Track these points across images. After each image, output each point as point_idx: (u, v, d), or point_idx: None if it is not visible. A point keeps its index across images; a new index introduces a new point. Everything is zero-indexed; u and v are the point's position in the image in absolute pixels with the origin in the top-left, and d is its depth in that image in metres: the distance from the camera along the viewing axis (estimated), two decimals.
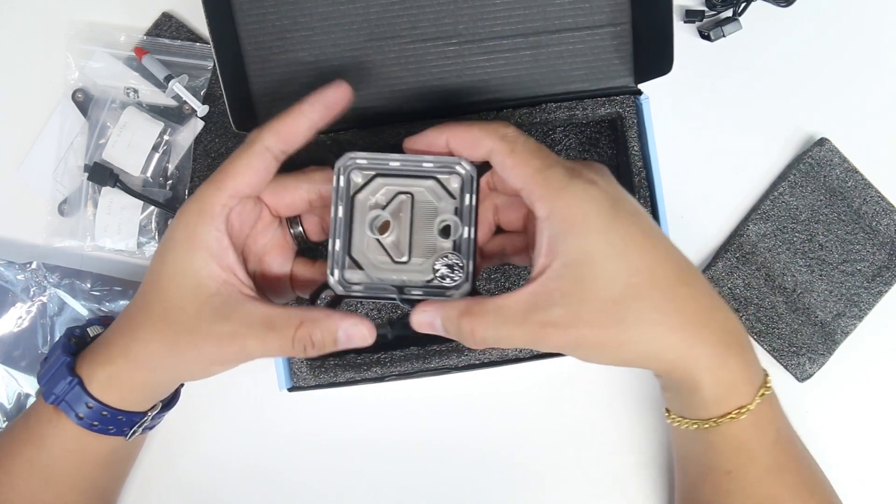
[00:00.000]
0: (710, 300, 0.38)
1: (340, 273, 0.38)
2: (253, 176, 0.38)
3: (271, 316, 0.37)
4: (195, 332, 0.37)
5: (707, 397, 0.38)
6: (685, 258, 0.38)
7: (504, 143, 0.37)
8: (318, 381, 0.47)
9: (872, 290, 0.52)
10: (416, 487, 0.52)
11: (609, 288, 0.35)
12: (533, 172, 0.36)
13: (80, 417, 0.41)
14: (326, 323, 0.36)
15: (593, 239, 0.35)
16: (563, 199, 0.35)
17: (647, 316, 0.35)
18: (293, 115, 0.38)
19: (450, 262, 0.38)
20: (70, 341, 0.43)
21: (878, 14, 0.55)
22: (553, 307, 0.35)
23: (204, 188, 0.38)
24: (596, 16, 0.47)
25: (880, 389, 0.53)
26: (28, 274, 0.51)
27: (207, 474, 0.52)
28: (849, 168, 0.52)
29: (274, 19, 0.47)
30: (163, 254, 0.38)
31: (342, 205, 0.38)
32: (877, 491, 0.52)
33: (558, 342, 0.35)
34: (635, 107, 0.48)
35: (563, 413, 0.53)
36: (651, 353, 0.36)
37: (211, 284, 0.37)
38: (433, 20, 0.47)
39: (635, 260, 0.35)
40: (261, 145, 0.38)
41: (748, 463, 0.40)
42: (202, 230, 0.37)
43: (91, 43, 0.52)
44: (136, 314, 0.39)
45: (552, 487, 0.52)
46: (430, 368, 0.47)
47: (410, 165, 0.38)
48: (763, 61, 0.54)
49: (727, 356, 0.37)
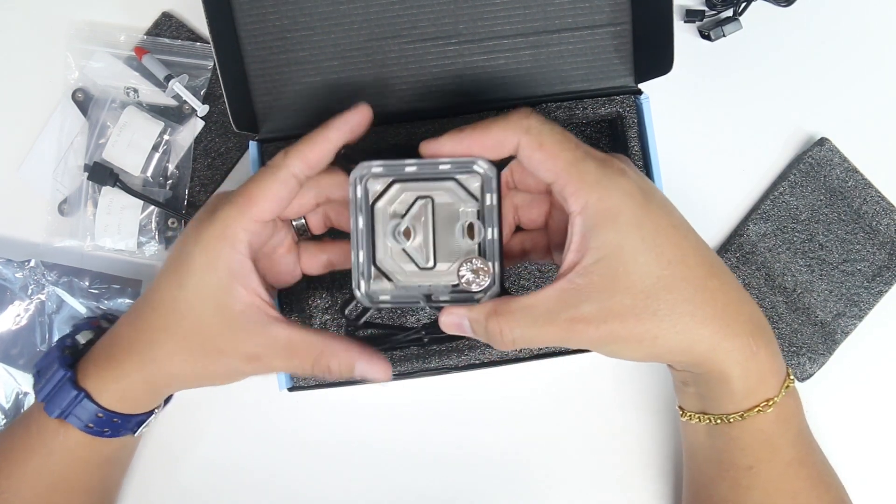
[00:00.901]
0: (738, 293, 0.38)
1: (367, 285, 0.38)
2: (277, 203, 0.38)
3: (294, 342, 0.38)
4: (223, 351, 0.38)
5: (736, 389, 0.38)
6: (712, 251, 0.38)
7: (530, 136, 0.36)
8: (317, 381, 0.47)
9: (872, 290, 0.52)
10: (416, 487, 0.52)
11: (642, 281, 0.34)
12: (566, 166, 0.35)
13: (89, 427, 0.41)
14: (345, 357, 0.38)
15: (626, 232, 0.34)
16: (597, 193, 0.35)
17: (679, 308, 0.35)
18: (319, 140, 0.38)
19: (475, 267, 0.36)
20: (65, 353, 0.43)
21: (878, 14, 0.55)
22: (584, 303, 0.34)
23: (226, 210, 0.37)
24: (596, 15, 0.47)
25: (880, 389, 0.53)
26: (26, 272, 0.51)
27: (206, 473, 0.52)
28: (849, 168, 0.52)
29: (274, 19, 0.47)
30: (181, 275, 0.38)
31: (362, 215, 0.37)
32: (877, 491, 0.52)
33: (590, 338, 0.35)
34: (635, 106, 0.48)
35: (564, 413, 0.52)
36: (683, 345, 0.36)
37: (236, 306, 0.37)
38: (433, 20, 0.47)
39: (667, 252, 0.35)
40: (287, 171, 0.37)
41: (771, 457, 0.40)
42: (225, 254, 0.37)
43: (91, 43, 0.52)
44: (153, 332, 0.39)
45: (552, 488, 0.52)
46: (430, 368, 0.47)
47: (427, 169, 0.37)
48: (763, 61, 0.54)
49: (757, 348, 0.37)
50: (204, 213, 0.38)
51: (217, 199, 0.39)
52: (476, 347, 0.47)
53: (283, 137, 0.48)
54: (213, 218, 0.37)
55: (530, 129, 0.36)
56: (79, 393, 0.40)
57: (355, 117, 0.38)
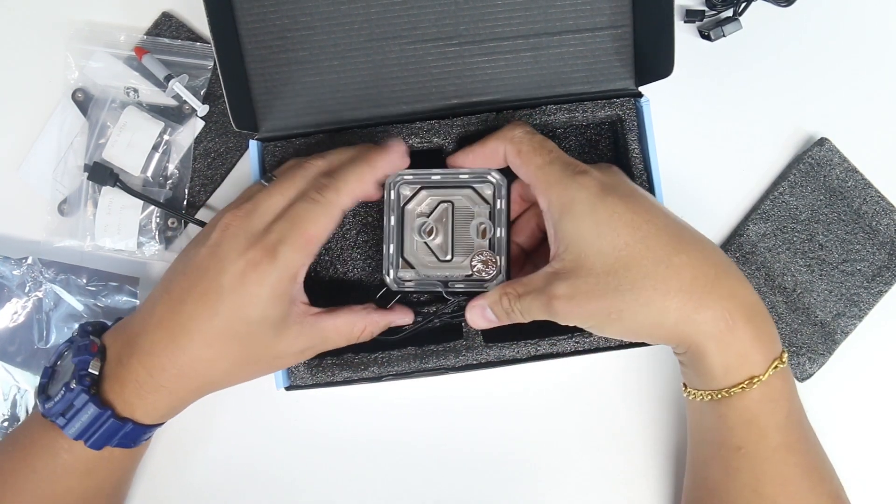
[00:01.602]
0: (717, 269, 0.39)
1: (395, 273, 0.45)
2: (328, 235, 0.42)
3: (340, 327, 0.43)
4: (280, 356, 0.42)
5: (714, 364, 0.39)
6: (691, 231, 0.40)
7: (512, 144, 0.42)
8: (315, 381, 0.47)
9: (872, 290, 0.52)
10: (413, 487, 0.52)
11: (602, 261, 0.39)
12: (535, 169, 0.41)
13: (131, 444, 0.42)
14: (381, 321, 0.45)
15: (581, 220, 0.39)
16: (556, 191, 0.40)
17: (640, 283, 0.38)
18: (367, 178, 0.42)
19: (484, 259, 0.44)
20: (92, 392, 0.41)
21: (878, 14, 0.55)
22: (559, 282, 0.39)
23: (289, 255, 0.40)
24: (597, 18, 0.47)
25: (880, 389, 0.53)
26: (24, 269, 0.51)
27: (205, 472, 0.52)
28: (849, 168, 0.52)
29: (274, 19, 0.47)
30: (241, 309, 0.40)
31: (394, 215, 0.45)
32: (877, 490, 0.52)
33: (567, 312, 0.40)
34: (635, 109, 0.48)
35: (563, 413, 0.53)
36: (651, 318, 0.38)
37: (291, 319, 0.42)
38: (434, 21, 0.47)
39: (624, 234, 0.38)
40: (340, 210, 0.42)
41: (759, 439, 0.40)
42: (289, 289, 0.41)
43: (91, 43, 0.52)
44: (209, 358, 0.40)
45: (550, 487, 0.52)
46: (428, 368, 0.47)
47: (450, 178, 0.45)
48: (763, 61, 0.54)
49: (735, 324, 0.38)
50: (258, 253, 0.39)
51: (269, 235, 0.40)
52: (473, 348, 0.47)
53: (282, 137, 0.48)
54: (276, 260, 0.39)
55: (513, 139, 0.42)
56: (124, 424, 0.41)
57: (397, 159, 0.44)
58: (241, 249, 0.40)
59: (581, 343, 0.47)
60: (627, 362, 0.53)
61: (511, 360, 0.47)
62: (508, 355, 0.47)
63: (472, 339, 0.47)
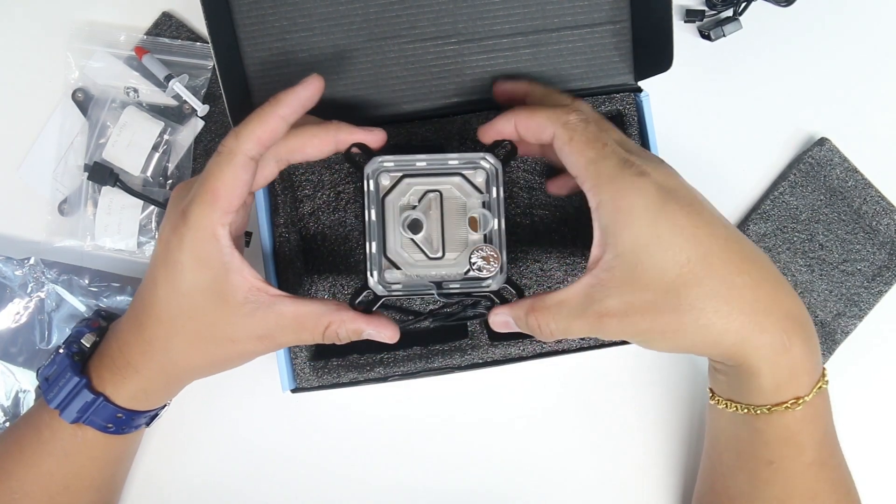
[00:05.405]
0: (775, 287, 0.38)
1: (379, 274, 0.40)
2: (241, 189, 0.38)
3: (302, 316, 0.39)
4: (234, 339, 0.39)
5: (765, 385, 0.38)
6: (750, 246, 0.39)
7: (564, 130, 0.38)
8: (321, 383, 0.47)
9: (872, 290, 0.52)
10: (420, 487, 0.52)
11: (660, 277, 0.36)
12: (586, 163, 0.37)
13: (108, 427, 0.42)
14: (352, 324, 0.39)
15: (641, 230, 0.36)
16: (609, 192, 0.36)
17: (702, 304, 0.36)
18: (270, 117, 0.38)
19: (485, 254, 0.39)
20: (74, 359, 0.43)
21: (878, 14, 0.55)
22: (608, 298, 0.36)
23: (197, 210, 0.37)
24: (595, 13, 0.47)
25: (880, 389, 0.53)
26: (26, 270, 0.51)
27: (210, 475, 0.52)
28: (849, 168, 0.52)
29: (273, 20, 0.47)
30: (175, 280, 0.38)
31: (374, 208, 0.39)
32: (877, 490, 0.52)
33: (616, 331, 0.37)
34: (636, 104, 0.48)
35: (569, 412, 0.52)
36: (709, 339, 0.37)
37: (238, 295, 0.38)
38: (432, 19, 0.47)
39: (687, 250, 0.36)
40: (243, 157, 0.37)
41: (795, 455, 0.40)
42: (212, 251, 0.38)
43: (91, 42, 0.52)
44: (164, 339, 0.40)
45: (558, 487, 0.52)
46: (434, 368, 0.47)
47: (436, 164, 0.40)
48: (763, 61, 0.54)
49: (791, 344, 0.37)
50: (176, 217, 0.38)
51: (180, 198, 0.39)
52: (479, 347, 0.47)
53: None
54: (187, 221, 0.37)
55: (567, 124, 0.38)
56: (97, 397, 0.41)
57: (305, 92, 0.38)
58: (171, 220, 0.39)
59: (587, 340, 0.47)
60: (635, 359, 0.53)
61: (517, 357, 0.47)
62: (514, 353, 0.47)
63: (478, 339, 0.47)
